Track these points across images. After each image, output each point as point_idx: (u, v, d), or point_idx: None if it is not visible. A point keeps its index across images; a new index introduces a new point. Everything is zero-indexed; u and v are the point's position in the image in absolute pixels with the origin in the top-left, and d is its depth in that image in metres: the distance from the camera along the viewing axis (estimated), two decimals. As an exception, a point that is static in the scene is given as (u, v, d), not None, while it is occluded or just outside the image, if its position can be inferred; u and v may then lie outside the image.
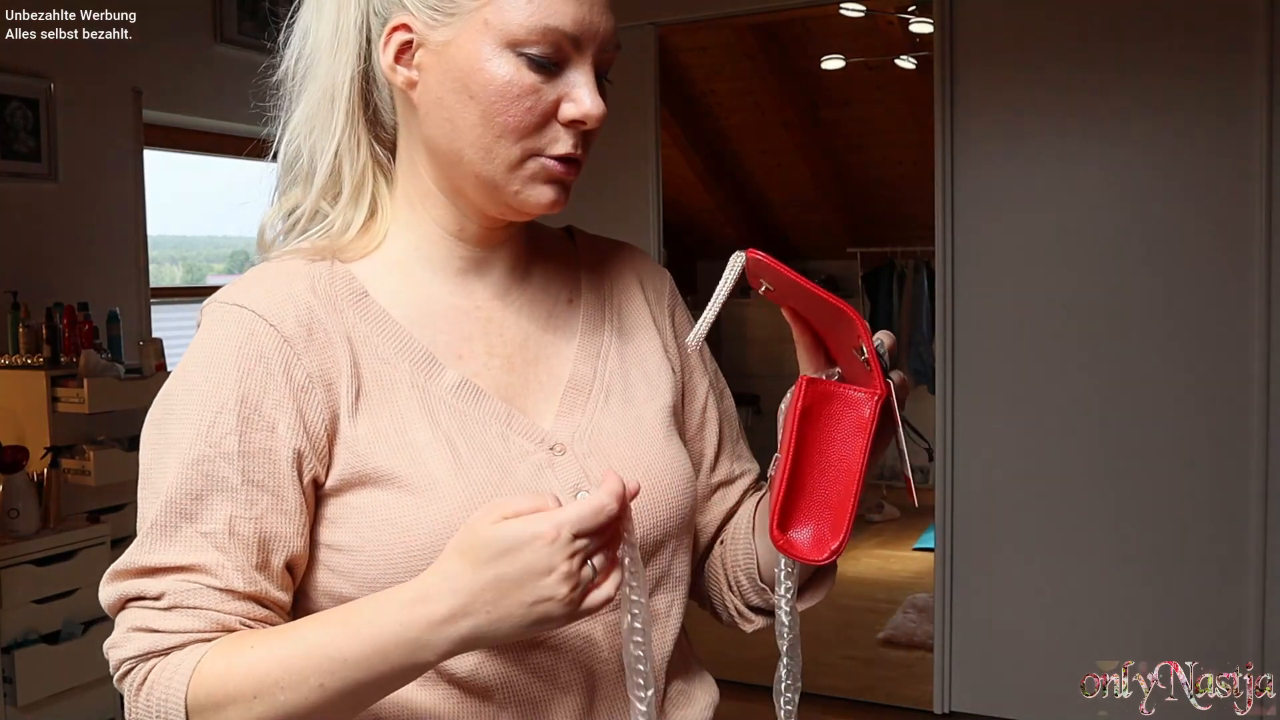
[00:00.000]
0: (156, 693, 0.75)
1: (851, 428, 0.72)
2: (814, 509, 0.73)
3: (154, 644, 0.76)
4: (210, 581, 0.76)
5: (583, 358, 0.91)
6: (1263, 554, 2.96)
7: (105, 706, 2.84)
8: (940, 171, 3.28)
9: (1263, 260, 2.94)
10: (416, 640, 0.71)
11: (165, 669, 0.75)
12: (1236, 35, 2.94)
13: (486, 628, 0.70)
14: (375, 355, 0.83)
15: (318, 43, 0.85)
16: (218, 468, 0.77)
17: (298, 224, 0.87)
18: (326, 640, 0.72)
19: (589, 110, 0.79)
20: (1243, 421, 2.98)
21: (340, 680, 0.72)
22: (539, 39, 0.77)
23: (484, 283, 0.89)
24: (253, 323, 0.80)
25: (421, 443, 0.80)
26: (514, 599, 0.68)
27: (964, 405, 3.31)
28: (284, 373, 0.79)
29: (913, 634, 4.00)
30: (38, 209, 3.12)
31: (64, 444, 2.90)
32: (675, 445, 0.91)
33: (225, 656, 0.74)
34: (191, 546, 0.76)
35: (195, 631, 0.76)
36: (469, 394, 0.84)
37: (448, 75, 0.80)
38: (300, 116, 0.86)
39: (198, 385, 0.79)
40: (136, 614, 0.77)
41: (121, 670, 0.77)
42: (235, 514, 0.77)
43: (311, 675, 0.72)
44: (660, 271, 1.02)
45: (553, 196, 0.83)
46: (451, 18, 0.79)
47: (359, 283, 0.85)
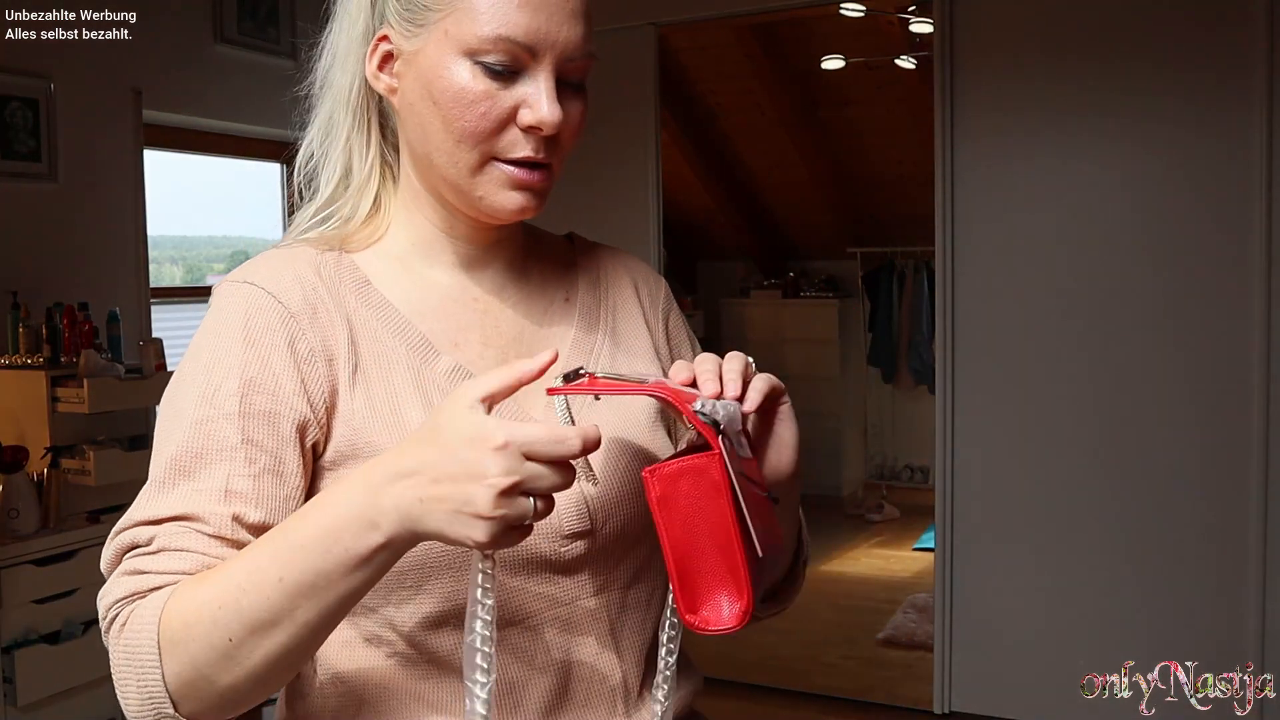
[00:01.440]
0: (129, 631, 0.74)
1: (709, 492, 0.71)
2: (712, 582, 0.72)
3: (139, 584, 0.76)
4: (201, 528, 0.77)
5: (576, 355, 0.94)
6: (1263, 554, 2.96)
7: (105, 706, 2.84)
8: (940, 171, 3.28)
9: (1263, 260, 2.94)
10: (362, 511, 0.70)
11: (144, 604, 0.75)
12: (1236, 35, 2.94)
13: (418, 507, 0.68)
14: (373, 338, 0.86)
15: (334, 54, 0.91)
16: (219, 427, 0.79)
17: (313, 219, 0.92)
18: (282, 531, 0.73)
19: (544, 116, 0.82)
20: (1243, 421, 2.98)
21: (298, 571, 0.70)
22: (493, 47, 0.81)
23: (482, 277, 0.93)
24: (260, 297, 0.84)
25: (413, 421, 0.83)
26: (445, 490, 0.67)
27: (964, 405, 3.31)
28: (288, 344, 0.83)
29: (913, 634, 4.00)
30: (38, 209, 3.12)
31: (64, 444, 2.90)
32: (661, 439, 0.93)
33: (197, 583, 0.74)
34: (186, 499, 0.78)
35: (180, 572, 0.76)
36: (462, 379, 0.87)
37: (418, 82, 0.84)
38: (318, 121, 0.92)
39: (205, 356, 0.83)
40: (126, 562, 0.78)
41: (109, 616, 0.76)
42: (233, 472, 0.79)
43: (269, 567, 0.71)
44: (657, 278, 1.06)
45: (520, 202, 0.85)
46: (421, 28, 0.83)
47: (362, 272, 0.90)
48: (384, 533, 0.70)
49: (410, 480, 0.69)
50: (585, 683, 0.86)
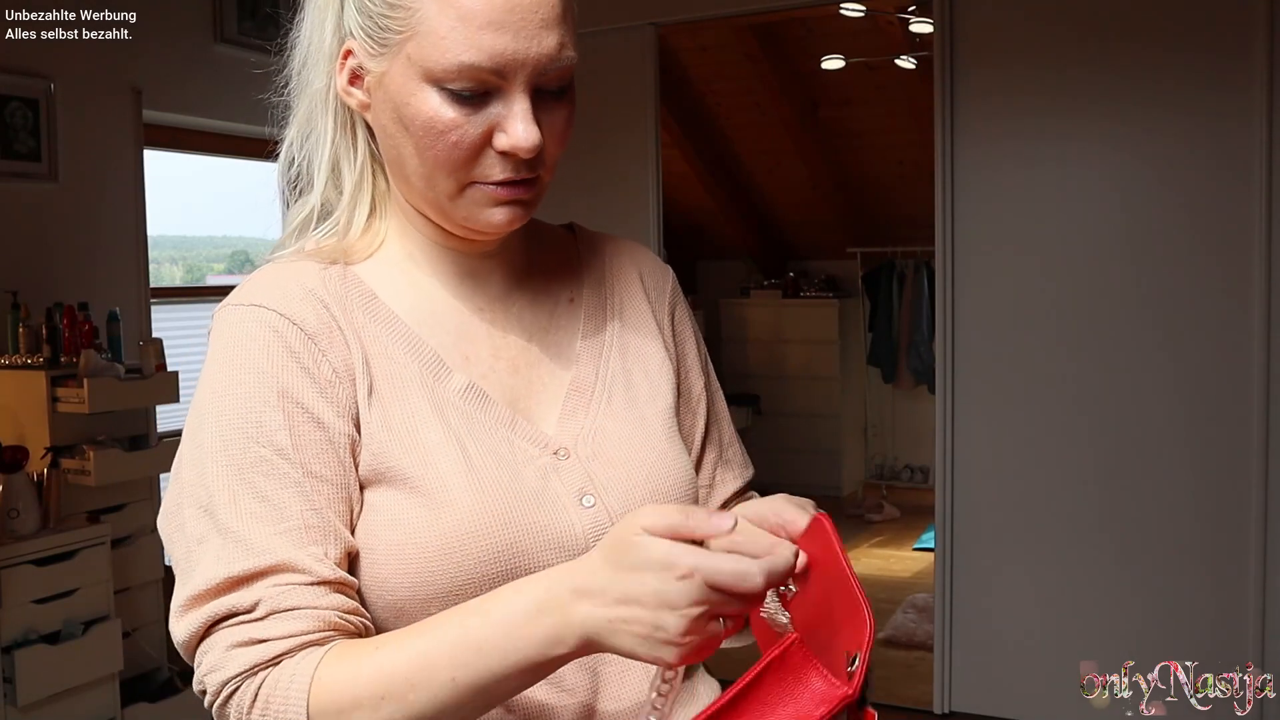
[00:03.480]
0: (275, 705, 0.71)
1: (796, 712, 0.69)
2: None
3: (262, 654, 0.72)
4: (300, 579, 0.74)
5: (585, 358, 0.91)
6: (1262, 554, 2.96)
7: (105, 706, 2.84)
8: (940, 171, 3.28)
9: (1262, 259, 2.94)
10: (547, 622, 0.69)
11: (280, 679, 0.72)
12: (1237, 35, 2.94)
13: (607, 627, 0.67)
14: (385, 355, 0.83)
15: (306, 53, 0.86)
16: (276, 466, 0.76)
17: (308, 224, 0.89)
18: (460, 629, 0.71)
19: (519, 142, 0.77)
20: (1243, 421, 2.98)
21: (473, 672, 0.70)
22: (456, 75, 0.76)
23: (484, 285, 0.90)
24: (276, 321, 0.80)
25: (433, 443, 0.80)
26: (634, 613, 0.66)
27: (964, 405, 3.31)
28: (314, 367, 0.80)
29: (913, 634, 4.00)
30: (38, 209, 3.12)
31: (64, 444, 2.90)
32: (677, 446, 0.92)
33: (348, 660, 0.72)
34: (271, 548, 0.74)
35: (302, 634, 0.73)
36: (475, 398, 0.85)
37: (388, 104, 0.80)
38: (297, 123, 0.88)
39: (232, 389, 0.78)
40: (230, 632, 0.73)
41: (225, 693, 0.72)
42: (305, 508, 0.76)
43: (444, 668, 0.70)
44: (663, 268, 1.02)
45: (507, 217, 0.82)
46: (385, 48, 0.79)
47: (367, 285, 0.86)
48: (569, 646, 0.69)
49: (597, 599, 0.68)
50: (615, 701, 0.85)
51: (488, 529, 0.78)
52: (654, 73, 3.66)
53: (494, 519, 0.79)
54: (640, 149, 3.68)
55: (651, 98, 3.66)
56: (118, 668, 2.85)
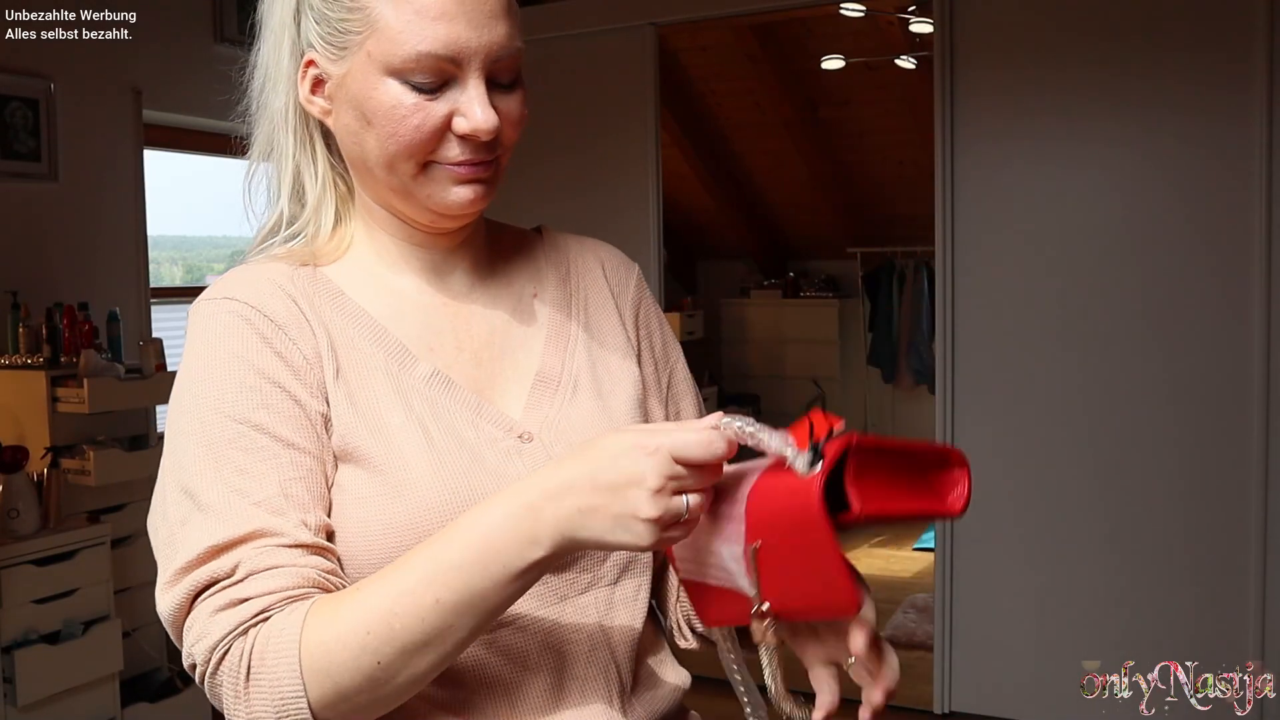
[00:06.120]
0: (269, 660, 0.72)
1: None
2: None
3: (246, 612, 0.74)
4: (279, 541, 0.76)
5: (550, 351, 0.94)
6: (1263, 554, 2.96)
7: (105, 706, 2.84)
8: (940, 171, 3.28)
9: (1262, 260, 2.94)
10: (521, 527, 0.72)
11: (271, 634, 0.73)
12: (1237, 35, 2.94)
13: (578, 517, 0.70)
14: (351, 345, 0.87)
15: (265, 76, 0.90)
16: (255, 440, 0.79)
17: (276, 232, 0.92)
18: (435, 551, 0.73)
19: (479, 125, 0.82)
20: (1243, 421, 2.98)
21: (455, 591, 0.71)
22: (415, 65, 0.81)
23: (448, 282, 0.94)
24: (247, 311, 0.84)
25: (395, 425, 0.84)
26: (604, 498, 0.70)
27: (964, 405, 3.31)
28: (286, 353, 0.83)
29: (913, 634, 4.00)
30: (38, 209, 3.12)
31: (64, 444, 2.90)
32: None
33: (330, 604, 0.73)
34: (249, 517, 0.76)
35: (283, 590, 0.74)
36: (440, 384, 0.88)
37: (350, 104, 0.85)
38: (259, 144, 0.92)
39: (208, 376, 0.81)
40: (213, 600, 0.75)
41: (215, 659, 0.74)
42: (284, 478, 0.79)
43: (426, 592, 0.72)
44: (627, 263, 1.05)
45: (469, 196, 0.86)
46: (344, 51, 0.83)
47: (335, 284, 0.90)
48: (545, 547, 0.72)
49: (568, 493, 0.71)
50: (580, 680, 0.86)
51: (449, 508, 0.81)
52: (654, 73, 3.66)
53: (454, 498, 0.81)
54: (640, 149, 3.68)
55: (651, 98, 3.66)
56: (118, 668, 2.85)
